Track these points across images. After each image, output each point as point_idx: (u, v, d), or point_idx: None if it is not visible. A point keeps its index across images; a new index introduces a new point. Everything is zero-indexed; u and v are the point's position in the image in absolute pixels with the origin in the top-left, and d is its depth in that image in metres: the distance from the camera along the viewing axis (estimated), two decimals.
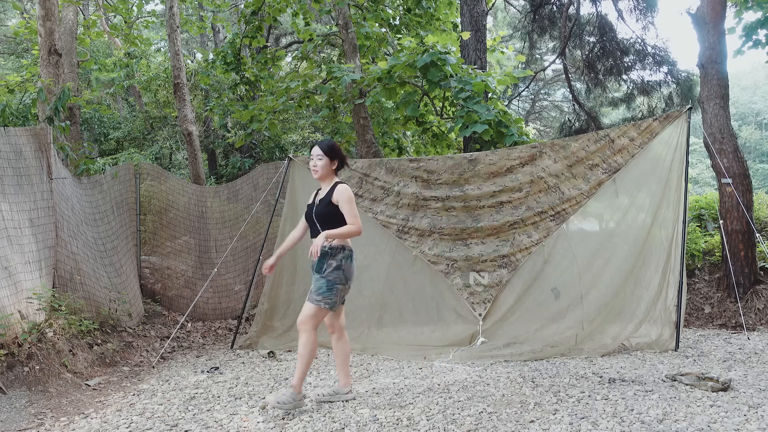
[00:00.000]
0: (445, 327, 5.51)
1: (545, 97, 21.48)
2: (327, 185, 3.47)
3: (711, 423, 2.90)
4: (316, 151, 3.46)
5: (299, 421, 3.17)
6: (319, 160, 3.43)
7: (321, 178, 3.46)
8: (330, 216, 3.35)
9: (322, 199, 3.43)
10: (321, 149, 3.45)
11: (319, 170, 3.44)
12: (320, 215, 3.38)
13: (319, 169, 3.43)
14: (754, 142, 30.30)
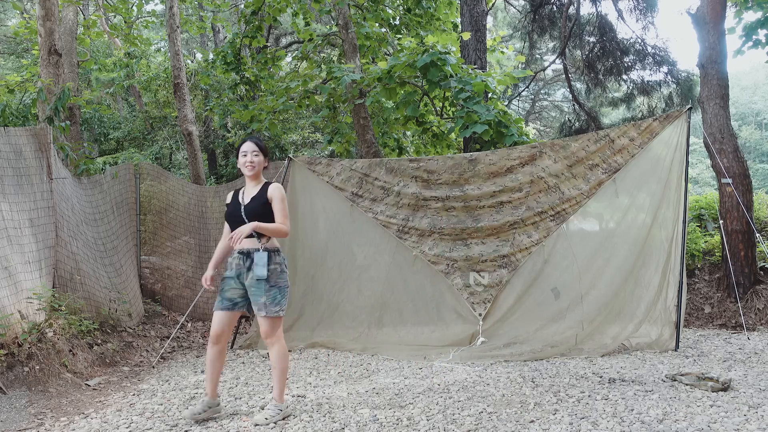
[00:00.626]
0: (445, 327, 5.51)
1: (545, 97, 21.48)
2: (257, 184, 3.30)
3: (711, 423, 2.90)
4: (251, 147, 3.28)
5: (299, 421, 3.17)
6: (256, 156, 3.27)
7: (255, 175, 3.28)
8: (264, 216, 3.18)
9: (254, 197, 3.24)
10: (258, 146, 3.30)
11: (255, 166, 3.26)
12: (254, 214, 3.17)
13: (256, 165, 3.27)
14: (754, 142, 30.30)
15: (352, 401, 3.55)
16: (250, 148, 3.29)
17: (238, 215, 3.22)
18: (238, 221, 3.20)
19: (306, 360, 4.91)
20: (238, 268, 3.20)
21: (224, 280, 3.25)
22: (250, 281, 3.16)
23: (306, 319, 5.78)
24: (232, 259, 3.26)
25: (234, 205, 3.29)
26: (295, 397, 3.69)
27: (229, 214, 3.29)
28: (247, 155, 3.27)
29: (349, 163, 5.97)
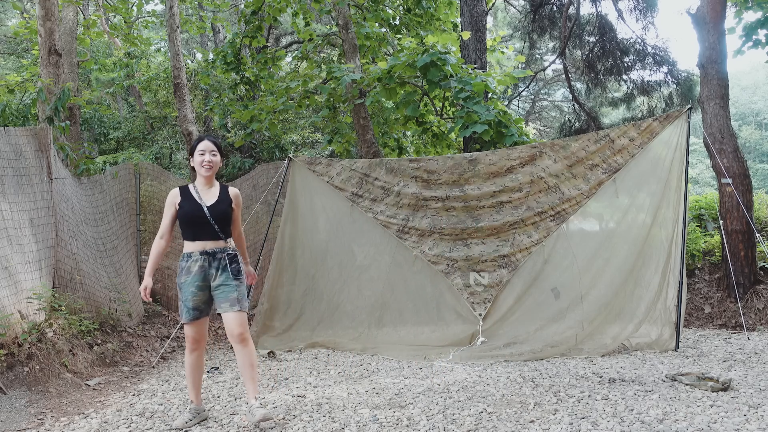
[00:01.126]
0: (445, 327, 5.51)
1: (545, 97, 21.48)
2: (211, 185, 3.24)
3: (711, 423, 2.90)
4: (209, 146, 3.19)
5: (299, 421, 3.17)
6: (214, 155, 3.18)
7: (211, 176, 3.21)
8: (228, 218, 3.18)
9: (219, 199, 3.19)
10: (216, 145, 3.22)
11: (213, 166, 3.19)
12: (221, 216, 3.14)
13: (214, 165, 3.19)
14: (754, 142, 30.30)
15: (352, 401, 3.55)
16: (208, 147, 3.19)
17: (201, 216, 3.11)
18: (202, 222, 3.11)
19: (306, 360, 4.91)
20: (202, 270, 3.10)
21: (184, 289, 3.11)
22: (221, 280, 3.10)
23: (306, 318, 5.78)
24: (189, 263, 3.10)
25: (193, 204, 3.15)
26: (295, 397, 3.69)
27: (190, 214, 3.13)
28: (205, 154, 3.17)
29: (349, 163, 5.97)
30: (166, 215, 3.21)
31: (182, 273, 3.12)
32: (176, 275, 3.20)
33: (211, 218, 3.12)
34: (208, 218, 3.12)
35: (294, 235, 5.91)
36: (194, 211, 3.13)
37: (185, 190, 3.22)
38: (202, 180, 3.22)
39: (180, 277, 3.14)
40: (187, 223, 3.15)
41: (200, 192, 3.20)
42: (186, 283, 3.10)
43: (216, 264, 3.11)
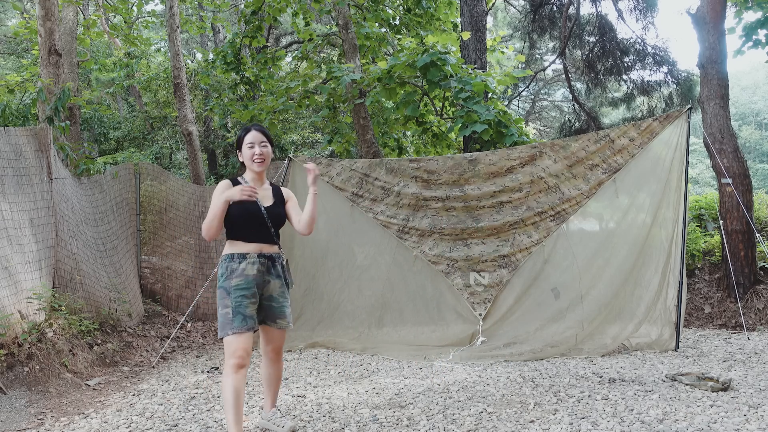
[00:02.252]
0: (446, 327, 5.51)
1: (545, 97, 21.48)
2: (264, 182, 2.92)
3: (711, 423, 2.90)
4: (258, 137, 2.82)
5: (299, 421, 3.17)
6: (264, 147, 2.82)
7: (264, 172, 2.86)
8: (283, 222, 2.88)
9: (277, 201, 2.89)
10: (265, 135, 2.86)
11: (266, 158, 2.82)
12: (278, 219, 2.83)
13: (266, 157, 2.82)
14: (754, 142, 30.31)
15: (352, 401, 3.55)
16: (257, 138, 2.81)
17: (259, 217, 2.77)
18: (261, 224, 2.77)
19: (306, 360, 4.91)
20: (260, 275, 2.73)
21: (239, 295, 2.67)
22: (278, 291, 2.80)
23: (306, 318, 5.78)
24: (245, 265, 2.71)
25: (249, 202, 2.75)
26: (295, 397, 3.69)
27: (247, 213, 2.75)
28: (255, 147, 2.80)
29: (349, 163, 5.97)
30: (215, 207, 2.67)
31: (233, 275, 2.68)
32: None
33: (269, 220, 2.79)
34: (265, 220, 2.78)
35: (294, 235, 5.91)
36: (251, 210, 2.76)
37: (234, 182, 2.84)
38: (253, 176, 2.86)
39: (228, 279, 2.68)
40: (243, 223, 2.75)
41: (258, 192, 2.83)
42: (238, 287, 2.67)
43: (274, 271, 2.79)
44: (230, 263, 2.72)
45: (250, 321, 2.66)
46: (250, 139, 2.82)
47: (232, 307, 2.65)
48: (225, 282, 2.69)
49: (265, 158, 2.82)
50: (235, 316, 2.63)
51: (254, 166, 2.82)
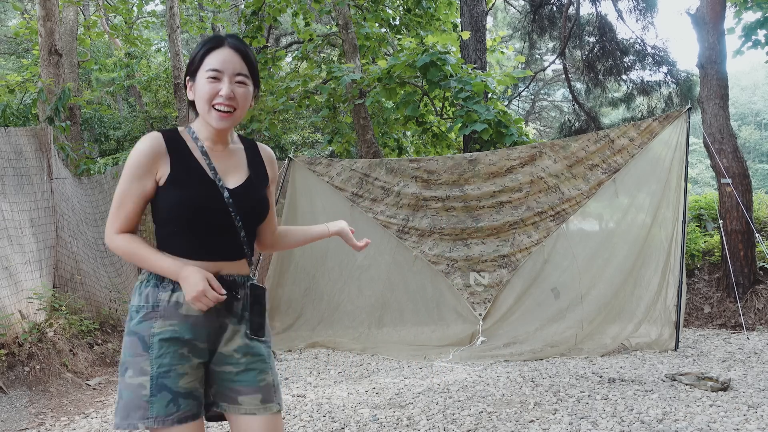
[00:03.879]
0: (445, 327, 5.51)
1: (545, 97, 21.49)
2: (229, 143, 1.56)
3: (710, 423, 2.91)
4: (232, 64, 1.45)
5: (299, 420, 3.18)
6: (241, 85, 1.47)
7: (235, 122, 1.50)
8: (265, 210, 1.58)
9: (253, 174, 1.55)
10: (248, 61, 1.48)
11: (238, 110, 1.48)
12: (255, 209, 1.54)
13: (240, 106, 1.48)
14: (754, 142, 30.31)
15: (352, 401, 3.55)
16: (230, 65, 1.45)
17: (220, 210, 1.46)
18: (222, 223, 1.47)
19: (306, 360, 4.92)
20: (211, 320, 1.45)
21: (167, 353, 1.40)
22: (239, 344, 1.48)
23: (306, 318, 5.79)
24: (178, 297, 1.44)
25: (198, 181, 1.46)
26: (295, 397, 3.69)
27: (196, 202, 1.45)
28: (222, 81, 1.44)
29: (349, 164, 5.98)
30: (126, 195, 1.45)
31: (157, 315, 1.42)
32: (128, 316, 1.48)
33: (237, 215, 1.48)
34: (230, 215, 1.47)
35: None
36: (202, 197, 1.45)
37: (178, 147, 1.48)
38: (210, 133, 1.51)
39: (147, 322, 1.42)
40: (185, 222, 1.45)
41: (211, 157, 1.50)
42: (167, 342, 1.41)
43: (236, 307, 1.50)
44: (154, 292, 1.43)
45: (186, 404, 1.41)
46: (216, 62, 1.44)
47: (151, 375, 1.38)
48: (141, 325, 1.41)
49: (238, 107, 1.46)
50: (155, 395, 1.38)
51: (213, 119, 1.45)
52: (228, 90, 1.44)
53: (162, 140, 1.47)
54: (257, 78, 1.53)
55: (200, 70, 1.46)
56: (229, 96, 1.44)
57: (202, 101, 1.45)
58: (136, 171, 1.44)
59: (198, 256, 1.46)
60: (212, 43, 1.47)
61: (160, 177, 1.45)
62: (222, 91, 1.43)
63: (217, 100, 1.44)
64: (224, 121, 1.46)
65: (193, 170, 1.47)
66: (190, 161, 1.48)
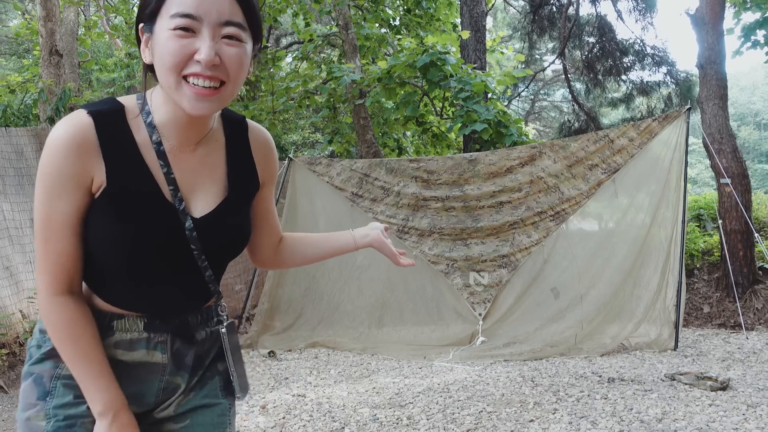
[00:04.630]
0: (445, 327, 5.52)
1: (545, 97, 21.50)
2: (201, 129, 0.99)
3: (710, 422, 2.92)
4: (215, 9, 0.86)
5: (299, 420, 3.19)
6: (233, 44, 0.89)
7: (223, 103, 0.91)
8: (244, 242, 1.09)
9: (237, 185, 1.04)
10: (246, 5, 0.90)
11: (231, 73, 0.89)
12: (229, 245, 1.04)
13: (233, 79, 0.90)
14: (753, 143, 30.33)
15: (352, 400, 3.56)
16: (213, 9, 0.86)
17: (177, 246, 0.96)
18: (176, 259, 0.98)
19: (306, 359, 4.93)
20: (152, 381, 1.03)
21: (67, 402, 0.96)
22: (195, 403, 1.08)
23: (306, 318, 5.79)
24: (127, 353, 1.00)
25: (152, 206, 0.94)
26: (295, 397, 3.70)
27: (144, 239, 0.93)
28: (201, 33, 0.87)
29: (349, 164, 5.99)
30: (51, 221, 0.91)
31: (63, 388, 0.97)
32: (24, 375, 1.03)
33: (202, 253, 0.99)
34: (191, 251, 0.98)
35: (293, 231, 5.93)
36: (149, 229, 0.94)
37: (118, 141, 0.93)
38: (178, 120, 0.95)
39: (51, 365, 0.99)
40: (122, 260, 0.94)
41: (172, 162, 0.96)
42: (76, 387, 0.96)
43: (190, 356, 1.06)
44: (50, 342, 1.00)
45: None
46: (189, 5, 0.86)
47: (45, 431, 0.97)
48: (41, 365, 1.01)
49: (228, 79, 0.90)
50: None
51: (186, 98, 0.89)
52: (210, 51, 0.85)
53: (91, 128, 0.89)
54: (258, 27, 0.92)
55: (161, 13, 0.86)
56: (212, 61, 0.85)
57: (166, 68, 0.86)
58: (57, 181, 0.87)
59: (139, 308, 0.98)
60: None
61: (95, 188, 0.90)
62: (201, 53, 0.85)
63: (192, 68, 0.85)
64: (204, 102, 0.87)
65: (139, 185, 0.91)
66: (136, 168, 0.91)
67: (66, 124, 0.90)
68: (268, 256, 1.23)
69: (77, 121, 0.90)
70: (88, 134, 0.90)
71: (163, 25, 0.87)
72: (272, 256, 1.24)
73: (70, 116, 0.91)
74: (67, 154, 0.88)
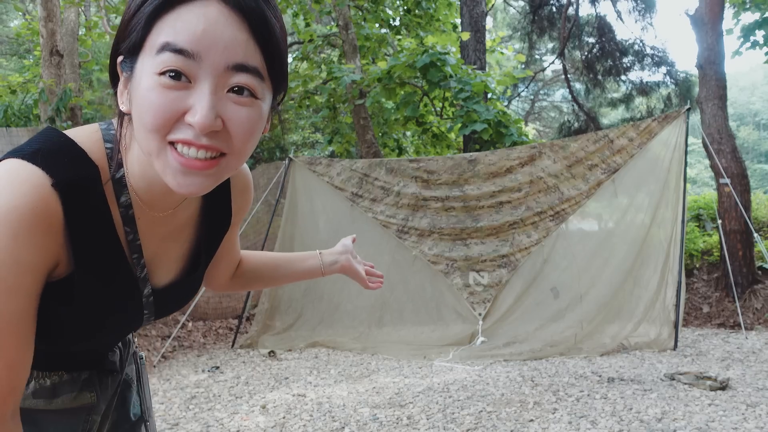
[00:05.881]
0: (445, 326, 5.53)
1: (544, 97, 21.51)
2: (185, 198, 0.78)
3: (709, 422, 2.92)
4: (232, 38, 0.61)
5: (300, 420, 3.20)
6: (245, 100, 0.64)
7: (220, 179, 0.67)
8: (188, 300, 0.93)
9: (206, 246, 0.89)
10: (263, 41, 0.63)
11: (236, 141, 0.64)
12: (188, 299, 0.91)
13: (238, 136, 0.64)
14: (752, 143, 30.35)
15: (352, 400, 3.57)
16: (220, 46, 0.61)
17: (131, 315, 0.83)
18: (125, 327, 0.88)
19: (306, 359, 4.94)
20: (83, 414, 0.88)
21: None
22: None
23: (306, 318, 5.80)
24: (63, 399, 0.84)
25: (123, 286, 0.78)
26: (295, 396, 3.71)
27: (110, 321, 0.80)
28: (199, 81, 0.61)
29: (349, 164, 6.00)
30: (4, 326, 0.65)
31: None
32: None
33: (151, 315, 0.86)
34: (142, 315, 0.84)
35: (294, 235, 5.93)
36: (117, 309, 0.80)
37: (90, 214, 0.70)
38: (158, 189, 0.73)
39: None
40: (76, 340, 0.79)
41: (139, 226, 0.77)
42: None
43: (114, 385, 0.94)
44: None
45: None
46: (185, 33, 0.60)
47: None
48: None
49: (231, 150, 0.65)
50: None
51: (171, 172, 0.64)
52: (209, 111, 0.61)
53: (57, 207, 0.66)
54: (282, 76, 0.68)
55: (145, 48, 0.63)
56: (211, 126, 0.62)
57: (146, 130, 0.63)
58: (13, 271, 0.64)
59: (67, 366, 0.85)
60: None
61: (56, 273, 0.71)
62: (194, 113, 0.61)
63: (180, 133, 0.62)
64: (195, 177, 0.64)
65: (110, 266, 0.75)
66: (108, 249, 0.74)
67: (25, 196, 0.63)
68: (223, 282, 1.09)
69: (38, 195, 0.64)
70: (53, 215, 0.65)
71: (146, 66, 0.62)
72: (228, 281, 1.10)
73: (29, 183, 0.64)
74: (25, 241, 0.64)
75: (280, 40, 0.66)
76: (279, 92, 0.70)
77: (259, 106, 0.65)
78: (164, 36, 0.61)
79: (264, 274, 1.12)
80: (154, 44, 0.62)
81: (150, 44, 0.62)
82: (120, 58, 0.67)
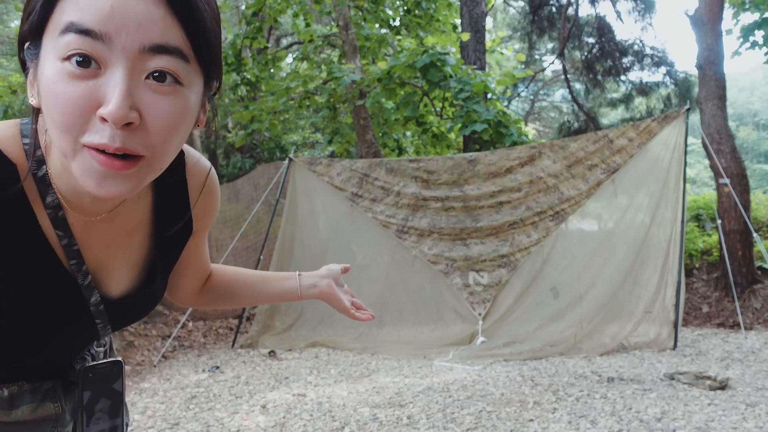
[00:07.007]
0: (445, 326, 5.54)
1: (544, 97, 21.52)
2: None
3: (709, 421, 2.93)
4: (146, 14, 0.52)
5: (300, 420, 3.20)
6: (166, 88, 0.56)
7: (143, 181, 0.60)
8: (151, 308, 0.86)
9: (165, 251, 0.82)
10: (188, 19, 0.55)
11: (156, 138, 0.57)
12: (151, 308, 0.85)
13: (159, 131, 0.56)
14: (752, 143, 30.37)
15: (352, 400, 3.57)
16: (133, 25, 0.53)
17: (81, 325, 0.74)
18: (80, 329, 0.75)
19: (306, 359, 4.94)
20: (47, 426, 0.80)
21: None
22: None
23: (307, 318, 5.81)
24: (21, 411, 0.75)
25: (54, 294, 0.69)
26: (295, 396, 3.71)
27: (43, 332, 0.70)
28: (112, 66, 0.53)
29: (349, 164, 6.00)
30: None
31: None
32: None
33: (108, 325, 0.77)
34: (95, 326, 0.76)
35: (294, 235, 5.94)
36: (51, 319, 0.70)
37: (9, 214, 0.63)
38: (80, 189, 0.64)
39: None
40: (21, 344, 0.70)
41: (75, 231, 0.69)
42: None
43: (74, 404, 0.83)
44: None
45: None
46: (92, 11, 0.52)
47: None
48: None
49: (151, 151, 0.57)
50: None
51: (86, 175, 0.56)
52: (122, 101, 0.53)
53: None
54: (213, 57, 0.60)
55: (49, 28, 0.56)
56: (124, 117, 0.54)
57: (57, 129, 0.56)
58: None
59: (27, 376, 0.77)
60: None
61: None
62: (106, 105, 0.54)
63: (94, 136, 0.55)
64: (114, 179, 0.57)
65: (40, 272, 0.68)
66: (36, 252, 0.67)
67: None
68: (189, 295, 1.00)
69: None
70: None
71: (50, 51, 0.54)
72: (195, 295, 1.01)
73: None
74: None
75: (207, 16, 0.57)
76: (212, 79, 0.62)
77: (185, 95, 0.57)
78: (67, 15, 0.52)
79: (236, 290, 1.03)
80: (58, 24, 0.53)
81: (53, 25, 0.54)
82: (27, 44, 0.59)
